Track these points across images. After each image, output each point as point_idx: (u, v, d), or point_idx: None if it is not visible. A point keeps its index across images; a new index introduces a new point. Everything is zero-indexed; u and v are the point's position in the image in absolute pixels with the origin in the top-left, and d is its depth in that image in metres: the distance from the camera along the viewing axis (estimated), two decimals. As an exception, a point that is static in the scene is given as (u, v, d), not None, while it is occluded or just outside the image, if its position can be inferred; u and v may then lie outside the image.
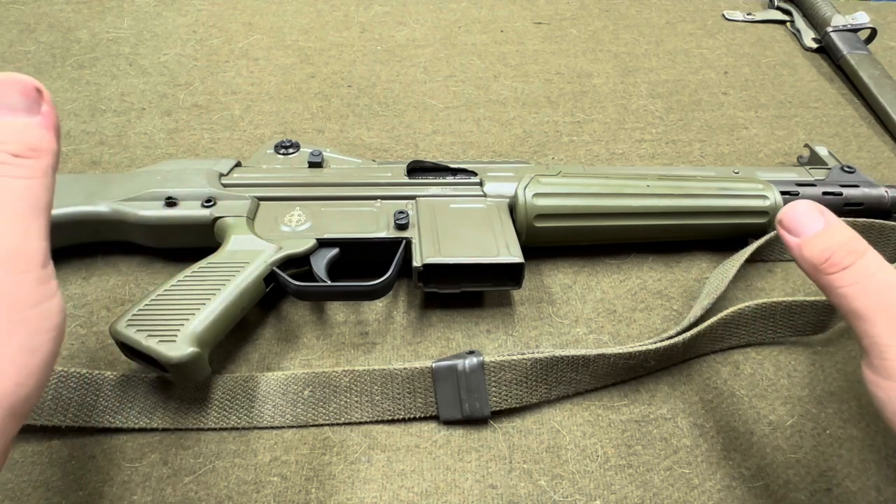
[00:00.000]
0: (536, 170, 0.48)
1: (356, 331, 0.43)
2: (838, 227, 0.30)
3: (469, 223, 0.44)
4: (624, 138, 0.61)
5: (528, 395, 0.39)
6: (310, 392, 0.38)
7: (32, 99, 0.24)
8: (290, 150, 0.49)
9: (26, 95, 0.23)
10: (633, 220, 0.47)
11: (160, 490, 0.35)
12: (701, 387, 0.41)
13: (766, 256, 0.49)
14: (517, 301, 0.45)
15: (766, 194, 0.48)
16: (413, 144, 0.58)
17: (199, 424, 0.37)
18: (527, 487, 0.36)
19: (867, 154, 0.62)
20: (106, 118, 0.58)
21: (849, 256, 0.28)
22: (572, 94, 0.66)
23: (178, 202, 0.43)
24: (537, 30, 0.76)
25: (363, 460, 0.37)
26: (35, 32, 0.67)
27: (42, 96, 0.24)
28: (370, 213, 0.44)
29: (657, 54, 0.73)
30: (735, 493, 0.36)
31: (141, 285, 0.44)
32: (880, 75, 0.68)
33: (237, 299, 0.37)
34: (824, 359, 0.44)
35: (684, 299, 0.47)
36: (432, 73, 0.67)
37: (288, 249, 0.41)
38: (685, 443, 0.38)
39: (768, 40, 0.77)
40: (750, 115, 0.65)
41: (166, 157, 0.55)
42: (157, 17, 0.71)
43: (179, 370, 0.34)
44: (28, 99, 0.23)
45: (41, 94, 0.24)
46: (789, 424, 0.40)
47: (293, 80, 0.65)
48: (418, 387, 0.38)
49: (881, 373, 0.26)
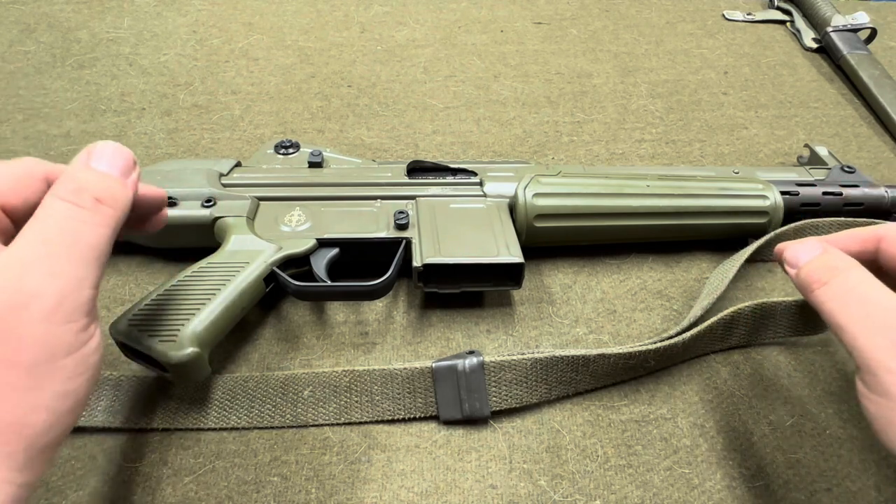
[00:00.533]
0: (536, 170, 0.48)
1: (356, 331, 0.43)
2: (829, 252, 0.31)
3: (469, 223, 0.44)
4: (624, 138, 0.61)
5: (528, 395, 0.39)
6: (310, 392, 0.38)
7: (129, 167, 0.27)
8: (290, 150, 0.49)
9: (125, 161, 0.27)
10: (633, 220, 0.47)
11: (160, 490, 0.35)
12: (701, 387, 0.41)
13: (766, 256, 0.49)
14: (517, 301, 0.45)
15: (766, 194, 0.48)
16: (413, 144, 0.58)
17: (199, 424, 0.37)
18: (527, 487, 0.36)
19: (867, 154, 0.62)
20: (106, 118, 0.58)
21: (829, 273, 0.30)
22: (572, 94, 0.66)
23: (178, 202, 0.43)
24: (537, 30, 0.76)
25: (363, 460, 0.37)
26: (35, 32, 0.67)
27: (135, 168, 0.27)
28: (370, 213, 0.44)
29: (657, 54, 0.73)
30: (735, 493, 0.36)
31: (141, 285, 0.44)
32: (880, 75, 0.68)
33: (237, 299, 0.37)
34: (824, 359, 0.44)
35: (684, 299, 0.47)
36: (432, 73, 0.67)
37: (288, 249, 0.41)
38: (685, 443, 0.38)
39: (768, 40, 0.78)
40: (750, 115, 0.65)
41: (166, 157, 0.55)
42: (157, 17, 0.72)
43: (179, 370, 0.34)
44: (126, 165, 0.27)
45: (135, 167, 0.27)
46: (789, 424, 0.40)
47: (293, 80, 0.65)
48: (418, 387, 0.38)
49: (871, 388, 0.26)
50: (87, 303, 0.23)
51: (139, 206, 0.29)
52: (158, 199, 0.31)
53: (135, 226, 0.31)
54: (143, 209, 0.30)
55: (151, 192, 0.31)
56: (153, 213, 0.32)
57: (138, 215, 0.31)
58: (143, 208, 0.30)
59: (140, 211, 0.30)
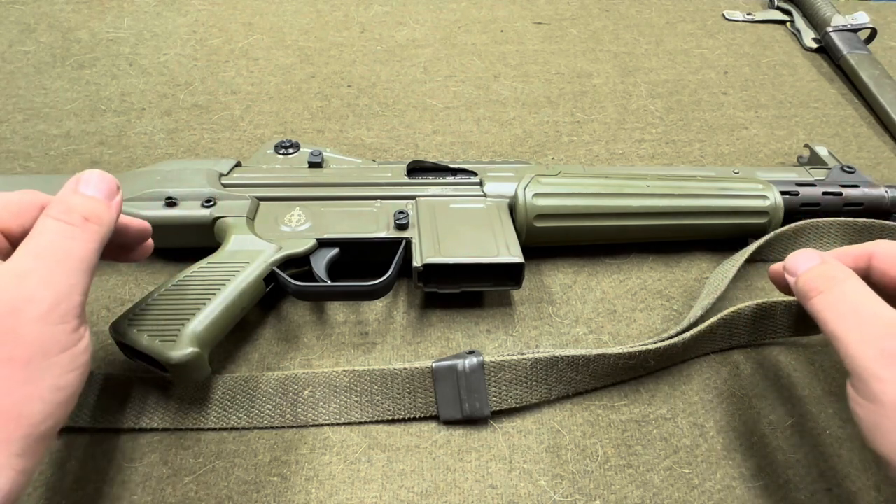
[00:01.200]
0: (536, 170, 0.48)
1: (356, 331, 0.43)
2: (828, 262, 0.33)
3: (469, 223, 0.44)
4: (624, 138, 0.61)
5: (528, 395, 0.39)
6: (310, 392, 0.38)
7: (112, 191, 0.30)
8: (290, 150, 0.49)
9: (109, 186, 0.30)
10: (633, 220, 0.47)
11: (160, 490, 0.35)
12: (701, 387, 0.41)
13: (766, 256, 0.49)
14: (517, 301, 0.45)
15: (766, 194, 0.48)
16: (413, 144, 0.58)
17: (199, 424, 0.37)
18: (527, 487, 0.36)
19: (867, 154, 0.62)
20: (106, 118, 0.58)
21: (825, 282, 0.31)
22: (572, 94, 0.66)
23: (178, 202, 0.43)
24: (537, 30, 0.76)
25: (363, 460, 0.37)
26: (35, 32, 0.67)
27: (118, 192, 0.30)
28: (370, 213, 0.44)
29: (657, 54, 0.73)
30: (735, 493, 0.36)
31: (141, 285, 0.44)
32: (880, 75, 0.68)
33: (237, 299, 0.37)
34: (824, 359, 0.44)
35: (684, 299, 0.47)
36: (432, 73, 0.67)
37: (288, 249, 0.41)
38: (685, 443, 0.38)
39: (768, 40, 0.78)
40: (750, 115, 0.65)
41: (166, 157, 0.55)
42: (157, 17, 0.72)
43: (179, 370, 0.34)
44: (109, 190, 0.30)
45: (118, 191, 0.30)
46: (789, 424, 0.40)
47: (293, 80, 0.65)
48: (418, 387, 0.38)
49: (861, 394, 0.28)
50: (77, 307, 0.26)
51: (124, 236, 0.33)
52: (143, 231, 0.35)
53: (121, 256, 0.35)
54: (128, 239, 0.34)
55: (136, 223, 0.34)
56: (138, 243, 0.35)
57: (124, 244, 0.34)
58: (128, 237, 0.34)
59: (125, 240, 0.34)
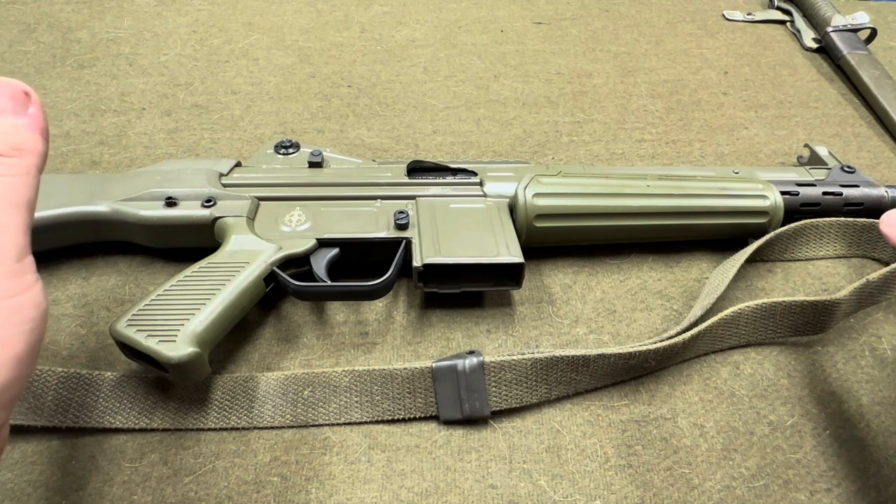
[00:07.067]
0: (536, 170, 0.48)
1: (356, 331, 0.43)
2: None
3: (469, 223, 0.44)
4: (624, 138, 0.61)
5: (528, 395, 0.39)
6: (310, 392, 0.38)
7: (20, 101, 0.25)
8: (290, 150, 0.49)
9: (13, 98, 0.24)
10: (633, 220, 0.47)
11: (160, 490, 0.35)
12: (701, 387, 0.41)
13: (766, 256, 0.49)
14: (517, 301, 0.45)
15: (766, 194, 0.48)
16: (413, 144, 0.58)
17: (199, 424, 0.37)
18: (527, 487, 0.36)
19: (867, 154, 0.62)
20: (106, 118, 0.58)
21: None
22: (572, 94, 0.66)
23: (178, 202, 0.43)
24: (537, 30, 0.76)
25: (363, 460, 0.37)
26: (35, 32, 0.67)
27: (30, 99, 0.25)
28: (370, 213, 0.44)
29: (657, 54, 0.73)
30: (735, 493, 0.36)
31: (141, 285, 0.44)
32: (880, 75, 0.68)
33: (237, 299, 0.37)
34: (824, 359, 0.44)
35: (684, 299, 0.47)
36: (432, 73, 0.67)
37: (288, 249, 0.41)
38: (685, 443, 0.38)
39: (768, 40, 0.77)
40: (750, 115, 0.65)
41: (166, 157, 0.55)
42: (157, 17, 0.72)
43: (179, 370, 0.34)
44: (15, 102, 0.24)
45: (29, 98, 0.25)
46: (789, 424, 0.40)
47: (293, 80, 0.65)
48: (418, 387, 0.38)
49: None
50: (15, 247, 0.22)
51: None
52: None
53: None
54: None
55: None
56: None
57: None
58: None
59: None
